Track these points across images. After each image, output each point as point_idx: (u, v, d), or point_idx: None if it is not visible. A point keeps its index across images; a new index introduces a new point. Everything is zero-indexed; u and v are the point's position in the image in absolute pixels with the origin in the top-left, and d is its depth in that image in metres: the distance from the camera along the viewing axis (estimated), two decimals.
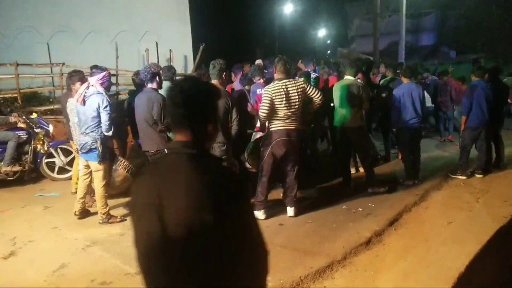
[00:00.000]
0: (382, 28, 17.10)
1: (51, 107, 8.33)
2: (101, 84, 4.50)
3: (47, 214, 5.06)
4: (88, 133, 4.44)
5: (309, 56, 9.10)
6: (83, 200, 4.80)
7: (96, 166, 4.53)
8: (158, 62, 10.92)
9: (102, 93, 4.46)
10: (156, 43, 11.00)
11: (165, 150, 4.28)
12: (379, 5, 16.20)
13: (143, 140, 4.66)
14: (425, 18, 22.81)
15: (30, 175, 6.32)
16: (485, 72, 6.42)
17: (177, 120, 1.41)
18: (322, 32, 42.17)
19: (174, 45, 11.18)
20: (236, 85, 6.55)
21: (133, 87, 9.74)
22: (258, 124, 5.55)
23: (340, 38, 35.84)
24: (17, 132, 6.17)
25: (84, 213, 4.86)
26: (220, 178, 1.36)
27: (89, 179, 4.75)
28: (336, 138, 6.30)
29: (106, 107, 4.39)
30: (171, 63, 10.92)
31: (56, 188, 6.04)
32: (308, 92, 4.64)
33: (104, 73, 4.52)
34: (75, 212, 4.79)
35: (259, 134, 5.36)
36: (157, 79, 4.62)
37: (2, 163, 6.04)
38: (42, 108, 8.10)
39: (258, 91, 5.73)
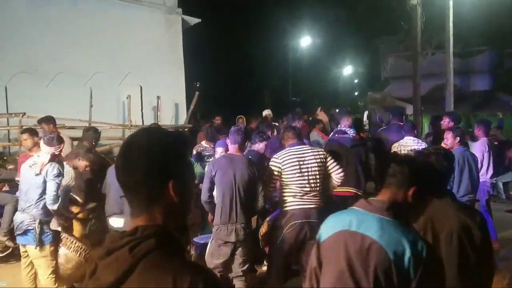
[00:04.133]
0: (423, 68, 17.38)
1: (5, 166, 8.41)
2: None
3: None
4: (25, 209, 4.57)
5: (345, 109, 9.40)
6: None
7: (34, 253, 4.56)
8: (142, 111, 11.15)
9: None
10: (141, 87, 11.19)
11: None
12: (420, 41, 16.43)
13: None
14: (477, 58, 23.31)
15: None
16: None
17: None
18: (347, 70, 43.24)
19: (163, 90, 11.37)
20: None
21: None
22: None
23: (371, 77, 36.31)
24: None
25: None
26: None
27: (33, 271, 4.75)
28: None
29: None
30: (159, 113, 11.15)
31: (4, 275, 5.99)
32: (328, 165, 4.72)
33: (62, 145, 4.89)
34: None
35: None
36: None
37: None
38: None
39: None
